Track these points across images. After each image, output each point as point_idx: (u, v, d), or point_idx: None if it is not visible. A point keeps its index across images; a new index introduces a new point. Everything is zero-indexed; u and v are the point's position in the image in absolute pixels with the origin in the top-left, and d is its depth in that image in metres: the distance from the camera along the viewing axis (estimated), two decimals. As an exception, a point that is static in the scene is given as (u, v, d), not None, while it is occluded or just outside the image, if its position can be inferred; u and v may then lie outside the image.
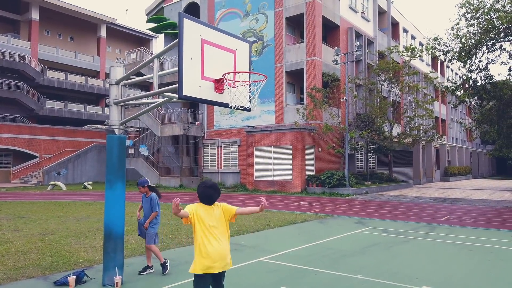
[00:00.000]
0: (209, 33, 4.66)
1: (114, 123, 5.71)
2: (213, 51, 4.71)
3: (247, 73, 4.99)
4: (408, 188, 28.74)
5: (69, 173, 32.73)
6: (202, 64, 4.55)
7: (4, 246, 8.20)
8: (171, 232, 10.00)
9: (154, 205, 6.31)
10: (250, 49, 5.28)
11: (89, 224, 11.14)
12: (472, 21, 18.71)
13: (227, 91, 4.76)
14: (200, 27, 4.58)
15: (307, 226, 11.25)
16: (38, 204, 16.73)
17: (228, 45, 4.93)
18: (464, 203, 17.76)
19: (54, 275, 6.11)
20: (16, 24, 40.76)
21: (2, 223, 11.34)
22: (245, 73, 4.92)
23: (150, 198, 6.35)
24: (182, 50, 4.30)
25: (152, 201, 6.32)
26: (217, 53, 4.76)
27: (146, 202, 6.37)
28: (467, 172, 47.76)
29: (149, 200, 6.34)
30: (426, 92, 33.42)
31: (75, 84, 40.95)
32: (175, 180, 27.30)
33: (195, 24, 4.52)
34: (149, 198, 6.36)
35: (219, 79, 4.68)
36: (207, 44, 4.60)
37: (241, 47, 5.12)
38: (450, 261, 7.12)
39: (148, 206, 6.34)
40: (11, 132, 31.78)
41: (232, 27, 27.60)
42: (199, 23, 4.62)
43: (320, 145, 23.71)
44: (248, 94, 5.01)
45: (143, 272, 6.21)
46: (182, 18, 4.35)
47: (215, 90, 4.71)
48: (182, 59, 4.31)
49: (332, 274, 6.21)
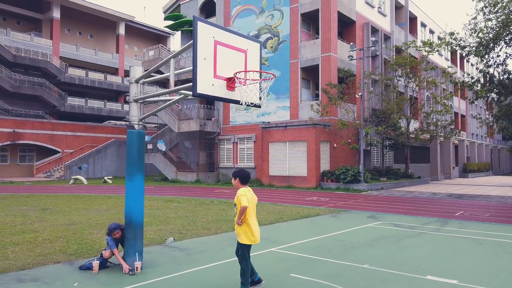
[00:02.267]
0: (221, 34, 4.97)
1: (134, 119, 6.09)
2: (225, 51, 5.02)
3: (257, 72, 5.27)
4: (425, 184, 28.56)
5: (89, 168, 33.70)
6: (215, 63, 4.86)
7: (32, 234, 8.74)
8: (187, 224, 10.41)
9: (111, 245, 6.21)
10: (260, 48, 5.56)
11: (110, 216, 11.65)
12: (490, 16, 18.51)
13: (238, 88, 5.06)
14: (213, 29, 4.89)
15: (319, 219, 11.50)
16: (61, 197, 17.44)
17: (240, 45, 5.22)
18: (481, 199, 17.66)
19: (79, 260, 6.56)
20: (38, 23, 41.98)
21: (29, 214, 11.97)
22: (255, 72, 5.21)
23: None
24: (196, 51, 4.62)
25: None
26: (229, 53, 5.07)
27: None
28: (487, 168, 46.95)
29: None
30: (444, 87, 33.06)
31: (95, 81, 41.98)
32: (191, 175, 27.84)
33: (208, 26, 4.83)
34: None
35: (231, 77, 4.99)
36: (219, 45, 4.90)
37: (252, 47, 5.41)
38: (457, 254, 7.29)
39: None
40: (35, 128, 32.90)
41: (247, 23, 27.88)
42: (212, 26, 4.93)
43: (335, 141, 23.82)
44: (258, 92, 5.30)
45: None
46: (196, 21, 4.66)
47: (227, 88, 5.02)
48: (196, 59, 4.63)
49: (340, 264, 6.47)
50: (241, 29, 28.18)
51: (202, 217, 11.57)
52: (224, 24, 29.22)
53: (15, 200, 15.73)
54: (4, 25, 39.03)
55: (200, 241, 8.30)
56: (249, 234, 4.90)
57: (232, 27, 28.72)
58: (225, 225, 10.20)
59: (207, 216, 11.77)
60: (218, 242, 8.24)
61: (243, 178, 5.02)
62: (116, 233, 6.21)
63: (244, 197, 4.83)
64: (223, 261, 6.65)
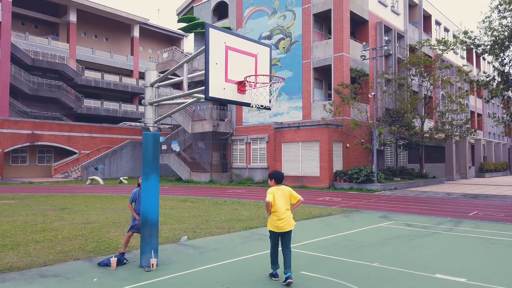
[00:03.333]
0: (232, 40, 5.15)
1: (149, 122, 6.32)
2: (236, 56, 5.20)
3: (269, 75, 5.44)
4: (440, 184, 28.28)
5: (105, 168, 34.35)
6: (226, 68, 5.05)
7: (52, 233, 9.08)
8: (201, 223, 10.63)
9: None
10: (270, 52, 5.72)
11: (126, 215, 11.96)
12: (505, 13, 18.25)
13: (248, 92, 5.24)
14: (224, 35, 5.08)
15: (331, 219, 11.59)
16: (79, 197, 17.90)
17: (250, 50, 5.40)
18: (496, 199, 17.47)
19: (98, 257, 6.83)
20: (55, 27, 42.96)
21: (48, 213, 12.37)
22: (265, 75, 5.37)
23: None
24: (208, 56, 4.81)
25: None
26: (239, 58, 5.25)
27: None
28: (505, 168, 46.11)
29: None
30: (460, 86, 32.65)
31: (111, 83, 42.75)
32: (205, 176, 28.15)
33: (219, 32, 5.01)
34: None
35: (242, 81, 5.16)
36: (230, 50, 5.09)
37: (262, 51, 5.58)
38: (468, 253, 7.32)
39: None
40: (52, 130, 33.71)
41: (260, 24, 28.06)
42: (223, 31, 5.11)
43: (348, 141, 23.81)
44: (268, 94, 5.46)
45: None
46: (208, 28, 4.86)
47: (238, 91, 5.20)
48: (208, 64, 4.82)
49: (350, 262, 6.59)
50: (253, 30, 28.39)
51: (215, 217, 11.78)
52: (236, 25, 29.47)
53: (35, 200, 16.23)
54: (22, 30, 40.08)
55: (213, 240, 8.50)
56: (273, 222, 5.65)
57: (245, 28, 28.95)
58: (237, 225, 10.39)
59: (220, 216, 11.97)
60: (231, 240, 8.43)
61: (278, 178, 5.77)
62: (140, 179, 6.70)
63: (270, 194, 5.62)
64: (235, 258, 6.83)
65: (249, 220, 11.19)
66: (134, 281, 5.53)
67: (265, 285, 5.44)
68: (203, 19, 32.07)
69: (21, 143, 31.92)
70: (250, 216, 11.86)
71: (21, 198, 16.96)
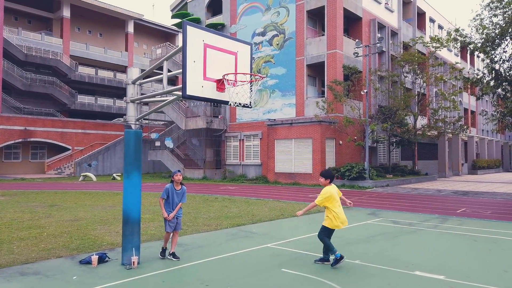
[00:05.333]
0: (211, 38, 5.14)
1: (131, 119, 6.31)
2: (215, 54, 5.19)
3: (248, 73, 5.43)
4: (432, 181, 28.42)
5: (99, 165, 34.26)
6: (204, 66, 5.04)
7: (37, 230, 9.06)
8: (189, 220, 10.64)
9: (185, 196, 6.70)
10: (251, 50, 5.72)
11: (115, 212, 11.96)
12: (496, 11, 18.32)
13: (227, 90, 5.24)
14: (203, 33, 5.07)
15: (319, 216, 11.60)
16: (70, 193, 17.86)
17: (230, 47, 5.39)
18: (486, 196, 17.59)
19: (80, 255, 6.83)
20: (49, 22, 42.64)
21: (36, 210, 12.34)
22: (245, 73, 5.37)
23: (183, 190, 6.66)
24: (185, 54, 4.80)
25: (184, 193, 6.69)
26: (219, 56, 5.24)
27: (178, 194, 6.59)
28: (497, 165, 46.39)
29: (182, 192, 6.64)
30: (453, 83, 32.76)
31: (105, 79, 42.54)
32: (198, 172, 28.14)
33: (198, 30, 5.00)
34: (182, 190, 6.65)
35: (221, 79, 5.16)
36: (209, 48, 5.08)
37: (242, 49, 5.57)
38: (450, 250, 7.38)
39: (180, 198, 6.60)
40: (46, 126, 33.55)
41: (253, 21, 27.98)
42: (202, 29, 5.10)
43: (340, 138, 23.86)
44: (249, 92, 5.46)
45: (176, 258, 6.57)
46: (185, 26, 4.84)
47: (217, 89, 5.19)
48: (186, 62, 4.81)
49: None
50: (247, 26, 28.31)
51: (204, 214, 11.80)
52: (230, 21, 29.38)
53: (25, 197, 16.17)
54: (15, 25, 39.74)
55: (199, 237, 8.52)
56: (333, 220, 6.19)
57: (238, 24, 28.87)
58: (225, 222, 10.41)
59: (209, 213, 11.99)
60: (217, 238, 8.45)
61: (332, 177, 6.36)
62: (175, 176, 6.50)
63: (328, 194, 6.18)
64: (219, 256, 6.85)
65: (238, 217, 11.21)
66: (114, 279, 5.54)
67: (245, 282, 5.46)
68: (197, 15, 31.95)
69: (13, 139, 31.75)
70: (239, 214, 11.88)
71: (11, 195, 16.91)
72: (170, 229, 6.54)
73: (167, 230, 6.57)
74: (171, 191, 6.49)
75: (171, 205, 6.50)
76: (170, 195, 6.50)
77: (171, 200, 6.50)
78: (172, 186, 6.51)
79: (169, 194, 6.49)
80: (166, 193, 6.47)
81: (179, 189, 6.56)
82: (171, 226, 6.53)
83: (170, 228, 6.54)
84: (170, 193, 6.50)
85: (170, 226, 6.53)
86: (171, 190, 6.49)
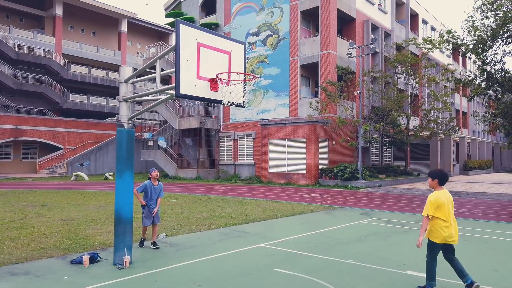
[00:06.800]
0: (204, 36, 5.12)
1: (123, 118, 6.27)
2: (209, 53, 5.17)
3: (241, 72, 5.43)
4: (424, 181, 28.57)
5: (91, 164, 34.02)
6: (198, 65, 5.02)
7: (28, 230, 8.97)
8: (182, 220, 10.60)
9: (162, 192, 7.38)
10: (244, 50, 5.71)
11: (107, 212, 11.88)
12: (488, 13, 18.48)
13: (221, 89, 5.22)
14: (196, 32, 5.05)
15: (313, 216, 11.66)
16: (62, 193, 17.71)
17: (223, 47, 5.38)
18: (477, 197, 17.75)
19: (72, 255, 6.77)
20: (41, 20, 42.23)
21: (27, 210, 12.22)
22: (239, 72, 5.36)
23: (160, 186, 7.36)
24: (179, 53, 4.78)
25: (161, 188, 7.37)
26: (212, 55, 5.22)
27: (156, 189, 7.28)
28: (488, 166, 46.84)
29: (159, 188, 7.32)
30: (445, 84, 33.03)
31: (97, 78, 42.24)
32: (192, 172, 28.06)
33: (191, 29, 4.98)
34: (159, 186, 7.34)
35: (214, 78, 5.15)
36: (202, 46, 5.06)
37: (235, 48, 5.56)
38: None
39: (158, 193, 7.26)
40: (37, 125, 33.23)
41: (247, 21, 27.97)
42: (195, 28, 5.08)
43: (334, 138, 23.94)
44: (242, 92, 5.45)
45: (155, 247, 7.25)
46: (179, 24, 4.82)
47: (211, 89, 5.18)
48: (179, 61, 4.79)
49: (324, 259, 6.64)
50: (241, 26, 28.29)
51: (197, 214, 11.76)
52: (224, 21, 29.33)
53: (15, 196, 16.00)
54: (7, 23, 39.32)
55: (192, 237, 8.49)
56: (441, 232, 4.82)
57: (232, 24, 28.84)
58: (218, 221, 10.39)
59: (202, 213, 11.96)
60: (210, 238, 8.42)
61: (443, 179, 4.91)
62: (152, 172, 7.20)
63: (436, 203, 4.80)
64: (212, 256, 6.84)
65: (231, 217, 11.20)
66: (105, 279, 5.50)
67: (237, 282, 5.45)
68: (191, 14, 31.85)
69: (4, 138, 31.40)
70: (232, 213, 11.86)
71: (2, 194, 16.72)
72: (149, 222, 7.22)
73: (145, 225, 7.25)
74: (150, 187, 7.17)
75: (149, 200, 7.17)
76: (149, 190, 7.15)
77: (149, 195, 7.14)
78: (150, 182, 7.20)
79: (148, 189, 7.15)
80: (143, 188, 7.16)
81: (156, 185, 7.29)
82: (149, 220, 7.22)
83: (149, 221, 7.21)
84: (148, 189, 7.15)
85: (149, 220, 7.22)
86: (149, 186, 7.17)
